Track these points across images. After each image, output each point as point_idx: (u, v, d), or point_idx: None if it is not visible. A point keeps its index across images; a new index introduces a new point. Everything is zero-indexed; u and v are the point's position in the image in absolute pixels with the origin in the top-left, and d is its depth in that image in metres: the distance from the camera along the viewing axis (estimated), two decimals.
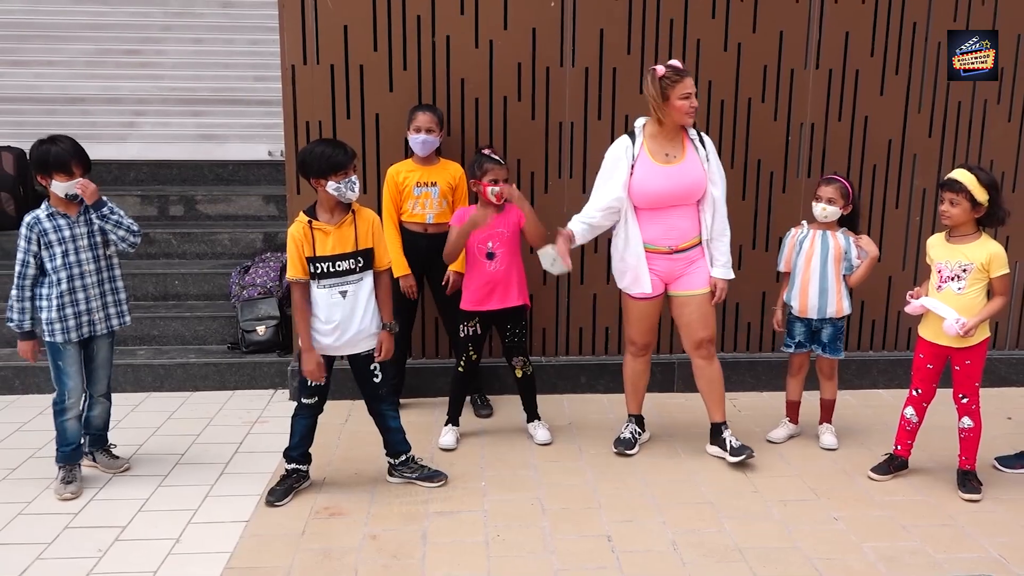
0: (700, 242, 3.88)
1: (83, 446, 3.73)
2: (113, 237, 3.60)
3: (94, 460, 3.82)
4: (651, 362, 4.12)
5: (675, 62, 3.76)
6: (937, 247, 3.66)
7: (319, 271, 3.41)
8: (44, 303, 3.51)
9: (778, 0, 4.62)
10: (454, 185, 4.30)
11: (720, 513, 3.47)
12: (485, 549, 3.19)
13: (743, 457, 3.84)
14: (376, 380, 3.61)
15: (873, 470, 3.80)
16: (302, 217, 3.44)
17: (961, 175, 3.51)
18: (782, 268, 4.11)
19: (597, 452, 4.07)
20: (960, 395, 3.64)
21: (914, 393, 3.75)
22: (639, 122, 3.84)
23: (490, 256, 3.95)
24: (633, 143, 3.78)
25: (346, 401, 4.58)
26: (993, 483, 3.73)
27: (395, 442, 3.71)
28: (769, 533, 3.32)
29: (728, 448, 3.91)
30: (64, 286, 3.49)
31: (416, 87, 4.56)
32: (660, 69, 3.69)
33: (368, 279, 3.50)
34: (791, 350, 4.12)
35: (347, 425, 4.37)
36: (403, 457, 3.72)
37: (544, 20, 4.55)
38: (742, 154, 4.74)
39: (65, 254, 3.50)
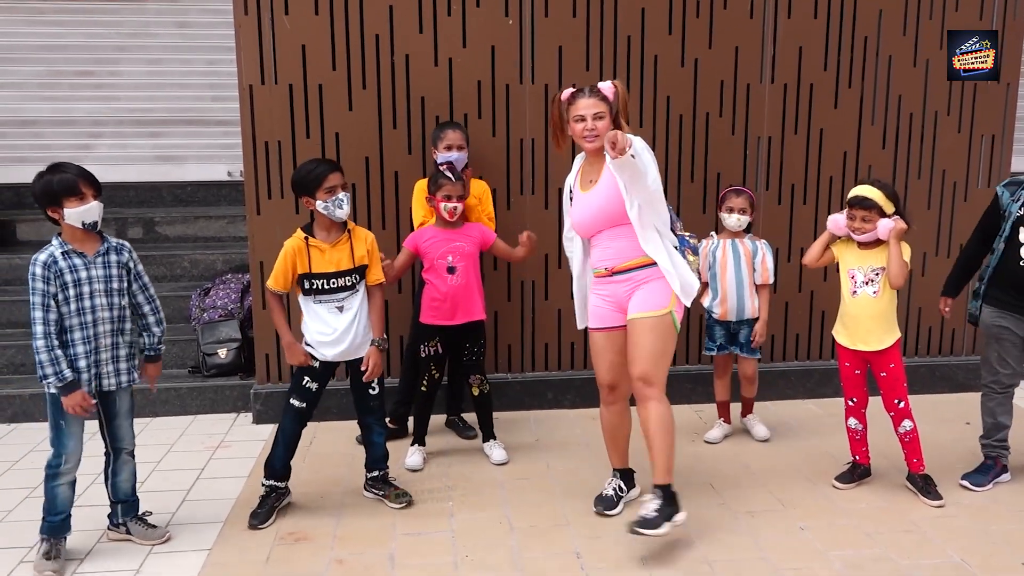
0: (648, 264, 3.33)
1: (114, 516, 3.40)
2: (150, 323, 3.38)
3: (128, 532, 3.38)
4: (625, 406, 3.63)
5: (602, 84, 3.38)
6: (847, 254, 3.71)
7: (314, 287, 3.45)
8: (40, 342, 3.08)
9: (733, 16, 4.69)
10: (479, 199, 4.25)
11: (688, 526, 3.46)
12: (454, 570, 3.15)
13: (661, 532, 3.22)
14: (372, 392, 3.64)
15: (837, 479, 3.84)
16: (299, 233, 3.49)
17: (870, 192, 3.55)
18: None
19: (565, 468, 4.06)
20: (896, 400, 3.69)
21: (850, 403, 3.82)
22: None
23: (451, 270, 3.93)
24: (572, 172, 3.54)
25: (311, 423, 4.49)
26: (953, 488, 3.79)
27: (374, 458, 3.72)
28: (737, 544, 3.33)
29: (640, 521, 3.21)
30: (76, 335, 3.12)
31: (376, 106, 4.55)
32: (564, 94, 3.41)
33: (362, 289, 3.57)
34: (713, 352, 4.33)
35: (312, 447, 4.31)
36: (376, 473, 3.72)
37: (503, 38, 4.57)
38: (701, 168, 4.79)
39: (79, 298, 3.11)
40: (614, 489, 3.64)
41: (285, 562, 3.23)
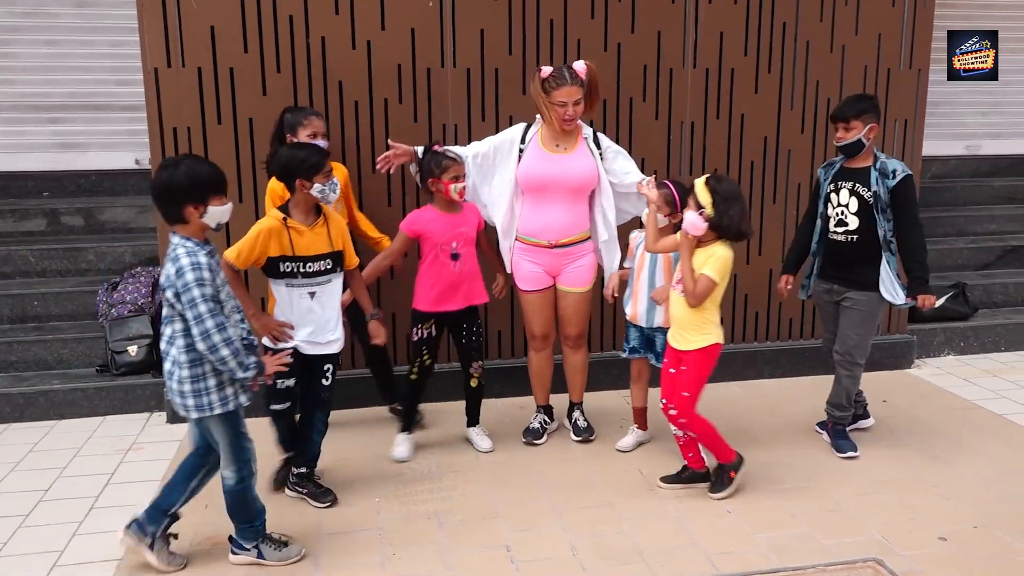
0: (587, 239, 3.95)
1: (153, 525, 3.05)
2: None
3: (150, 548, 3.03)
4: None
5: (577, 65, 3.75)
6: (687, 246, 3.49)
7: (290, 271, 3.37)
8: (193, 370, 2.82)
9: (655, 1, 4.67)
10: (343, 189, 4.03)
11: (618, 514, 3.47)
12: (380, 570, 3.06)
13: (580, 439, 4.14)
14: (325, 383, 3.52)
15: (663, 480, 3.71)
16: (276, 214, 3.38)
17: (697, 180, 3.37)
18: (627, 265, 3.96)
19: (494, 459, 4.00)
20: (666, 400, 3.54)
21: (669, 410, 3.59)
22: (540, 117, 3.89)
23: (455, 257, 3.83)
24: (527, 130, 3.91)
25: None
26: (874, 465, 3.88)
27: (308, 456, 3.58)
28: (666, 531, 3.33)
29: (573, 427, 4.19)
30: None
31: (291, 90, 4.37)
32: (544, 71, 3.75)
33: (337, 281, 3.49)
34: (625, 355, 3.98)
35: None
36: (303, 470, 3.59)
37: (423, 20, 4.44)
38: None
39: (223, 304, 2.86)
40: (540, 422, 4.20)
41: (203, 568, 3.08)
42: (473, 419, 4.16)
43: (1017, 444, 4.15)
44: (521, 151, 3.88)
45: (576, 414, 4.20)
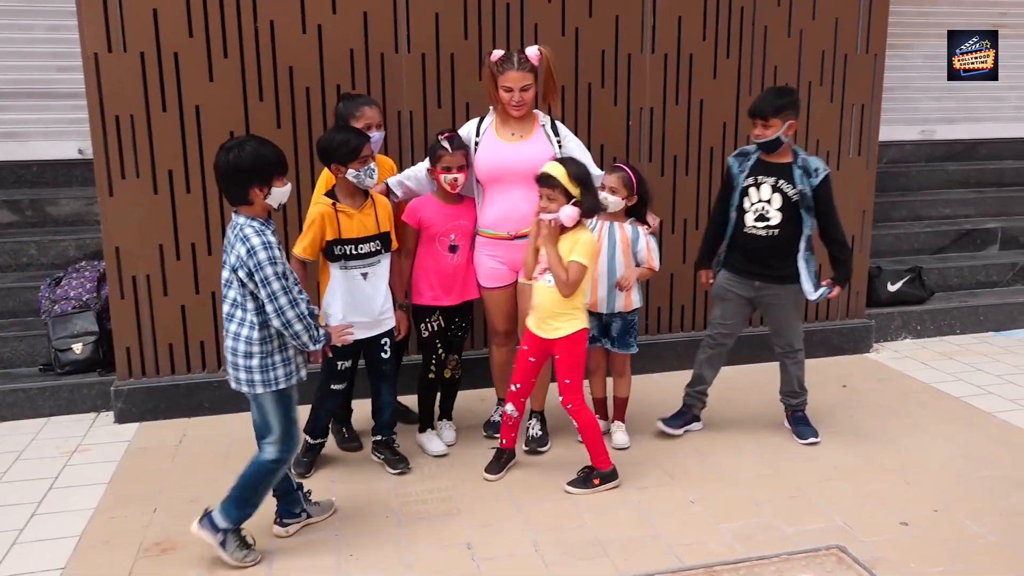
0: None
1: (294, 505, 3.24)
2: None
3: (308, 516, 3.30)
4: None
5: (530, 50, 3.67)
6: (552, 235, 3.43)
7: (343, 253, 3.45)
8: (263, 347, 2.89)
9: None
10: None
11: (580, 507, 3.41)
12: (337, 573, 2.97)
13: (528, 449, 3.90)
14: (384, 356, 3.65)
15: (487, 470, 3.66)
16: (326, 199, 3.48)
17: (553, 168, 3.35)
18: None
19: (454, 453, 3.92)
20: (565, 380, 3.48)
21: (512, 388, 3.62)
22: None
23: (453, 249, 3.76)
24: (481, 122, 3.82)
25: (181, 419, 4.22)
26: (835, 451, 3.89)
27: (383, 424, 3.74)
28: (629, 523, 3.29)
29: (525, 436, 3.95)
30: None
31: (240, 76, 4.22)
32: (495, 54, 3.70)
33: (385, 261, 3.59)
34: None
35: (182, 446, 4.00)
36: (379, 438, 3.75)
37: (376, 4, 4.31)
38: (584, 139, 4.65)
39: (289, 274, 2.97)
40: (501, 416, 3.89)
41: None
42: (443, 411, 4.09)
43: (975, 426, 4.19)
44: (477, 144, 3.76)
45: (532, 421, 3.97)
